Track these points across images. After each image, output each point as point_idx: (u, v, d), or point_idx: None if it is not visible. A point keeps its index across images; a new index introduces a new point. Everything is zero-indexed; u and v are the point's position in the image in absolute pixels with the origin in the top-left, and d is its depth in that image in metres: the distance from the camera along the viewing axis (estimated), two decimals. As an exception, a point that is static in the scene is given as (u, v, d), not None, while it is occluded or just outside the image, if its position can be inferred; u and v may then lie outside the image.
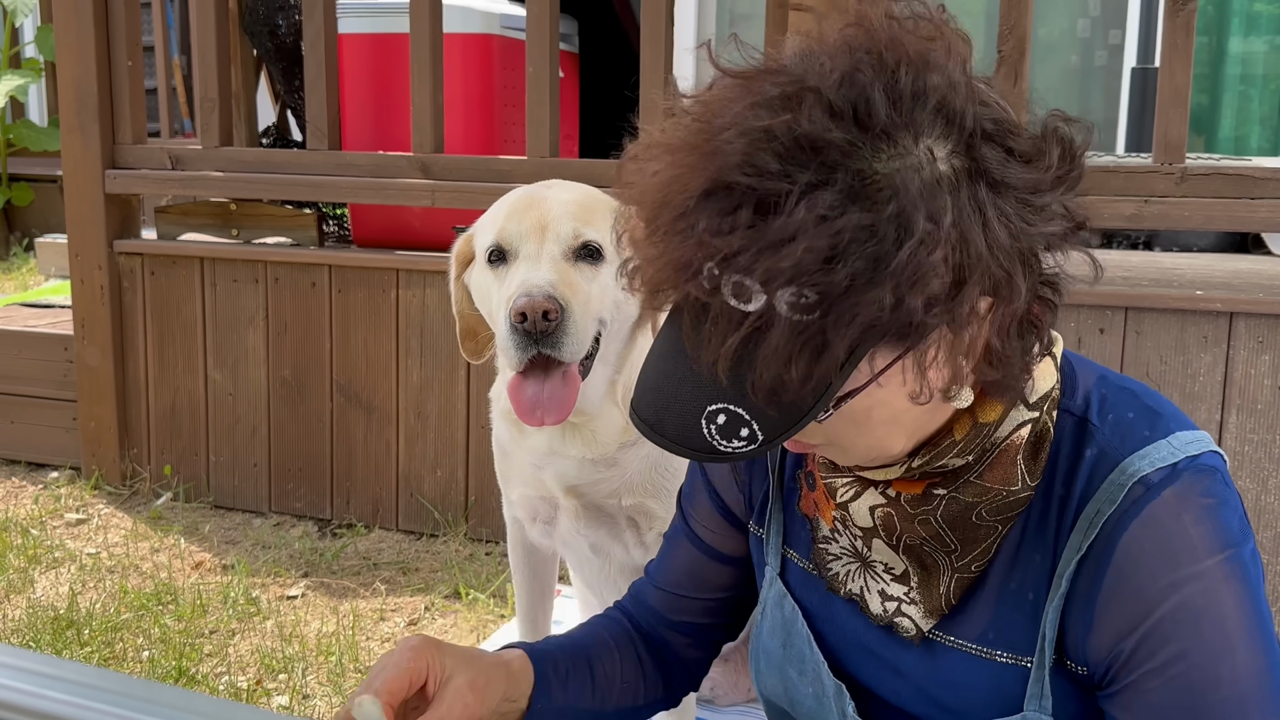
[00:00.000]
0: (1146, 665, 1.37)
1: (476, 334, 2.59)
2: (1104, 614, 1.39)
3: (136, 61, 5.02)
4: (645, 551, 2.61)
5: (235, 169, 4.86)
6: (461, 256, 2.55)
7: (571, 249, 2.33)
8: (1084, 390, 1.48)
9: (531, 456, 2.55)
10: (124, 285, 5.02)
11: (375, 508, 4.70)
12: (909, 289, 1.17)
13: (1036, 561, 1.45)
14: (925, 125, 1.24)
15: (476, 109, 5.06)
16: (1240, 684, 1.34)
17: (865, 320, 1.18)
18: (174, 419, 5.00)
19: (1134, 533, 1.37)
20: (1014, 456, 1.42)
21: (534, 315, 2.20)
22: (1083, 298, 3.72)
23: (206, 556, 4.36)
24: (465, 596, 3.96)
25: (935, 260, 1.18)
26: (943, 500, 1.43)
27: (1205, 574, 1.35)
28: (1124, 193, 3.74)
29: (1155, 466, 1.38)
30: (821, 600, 1.65)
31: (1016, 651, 1.47)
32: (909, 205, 1.18)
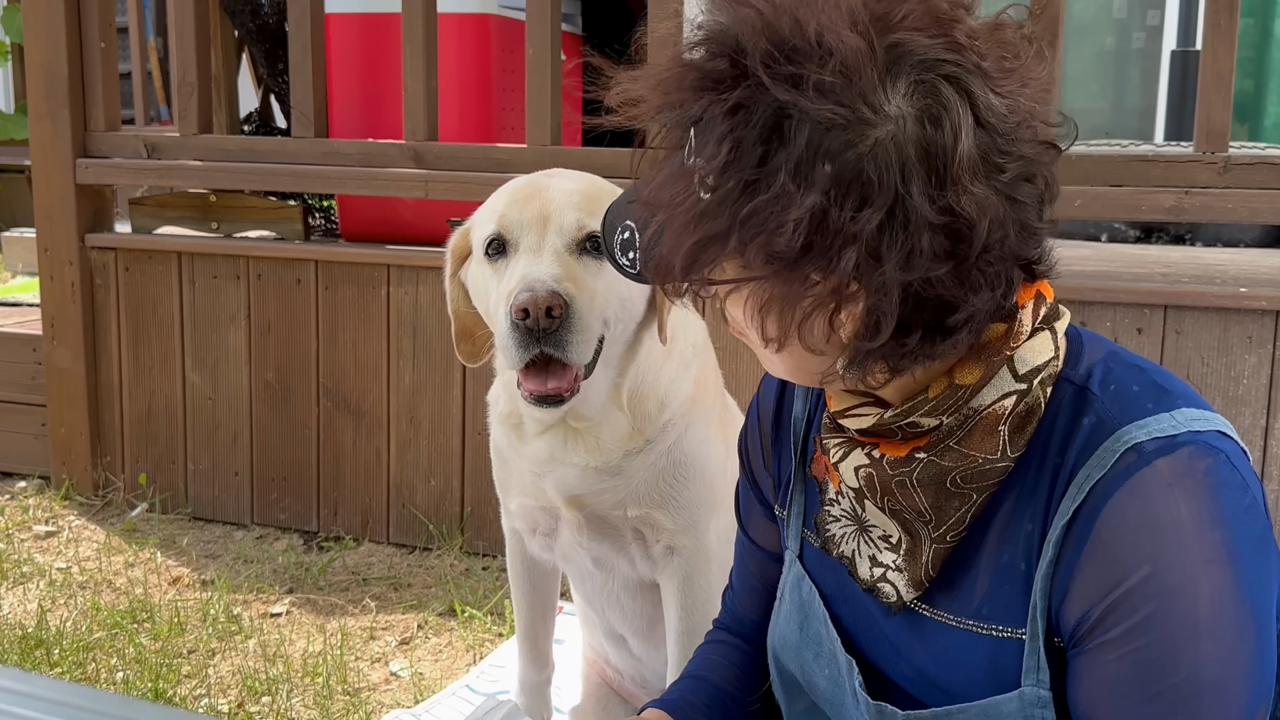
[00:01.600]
0: (1109, 633, 1.40)
1: (473, 335, 2.58)
2: (1079, 580, 1.43)
3: (110, 43, 5.03)
4: (652, 566, 2.61)
5: (215, 158, 4.87)
6: (458, 251, 2.55)
7: (575, 241, 2.32)
8: (1089, 362, 1.53)
9: (531, 464, 2.56)
10: (96, 282, 5.03)
11: (365, 519, 4.70)
12: (755, 232, 1.35)
13: (1028, 531, 1.50)
14: (896, 100, 1.34)
15: (473, 94, 5.07)
16: (1199, 672, 1.36)
17: (717, 230, 1.37)
18: (150, 425, 5.01)
19: (1119, 499, 1.41)
20: (995, 426, 1.48)
21: (537, 311, 2.19)
22: (1119, 295, 3.72)
23: (184, 571, 4.36)
24: (461, 614, 3.96)
25: (787, 219, 1.33)
26: (921, 464, 1.51)
27: (1186, 551, 1.37)
28: (1163, 184, 3.74)
29: (1152, 436, 1.42)
30: (838, 582, 1.73)
31: (1011, 624, 1.52)
32: (805, 158, 1.32)
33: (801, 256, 1.34)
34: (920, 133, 1.33)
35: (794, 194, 1.32)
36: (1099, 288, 3.77)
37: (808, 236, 1.33)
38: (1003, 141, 1.38)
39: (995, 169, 1.37)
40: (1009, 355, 1.49)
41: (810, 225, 1.32)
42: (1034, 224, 1.43)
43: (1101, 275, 4.26)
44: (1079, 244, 6.45)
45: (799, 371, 1.55)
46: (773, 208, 1.33)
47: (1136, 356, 1.56)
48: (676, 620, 2.60)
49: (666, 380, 2.53)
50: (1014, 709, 1.50)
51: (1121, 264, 4.86)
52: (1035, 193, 1.43)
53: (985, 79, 1.38)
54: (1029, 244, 1.45)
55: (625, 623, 2.80)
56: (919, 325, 1.40)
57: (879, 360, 1.44)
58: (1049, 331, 1.52)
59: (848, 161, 1.32)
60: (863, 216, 1.32)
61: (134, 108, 8.48)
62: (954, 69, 1.36)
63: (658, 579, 2.64)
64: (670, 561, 2.58)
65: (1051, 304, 1.56)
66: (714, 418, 2.61)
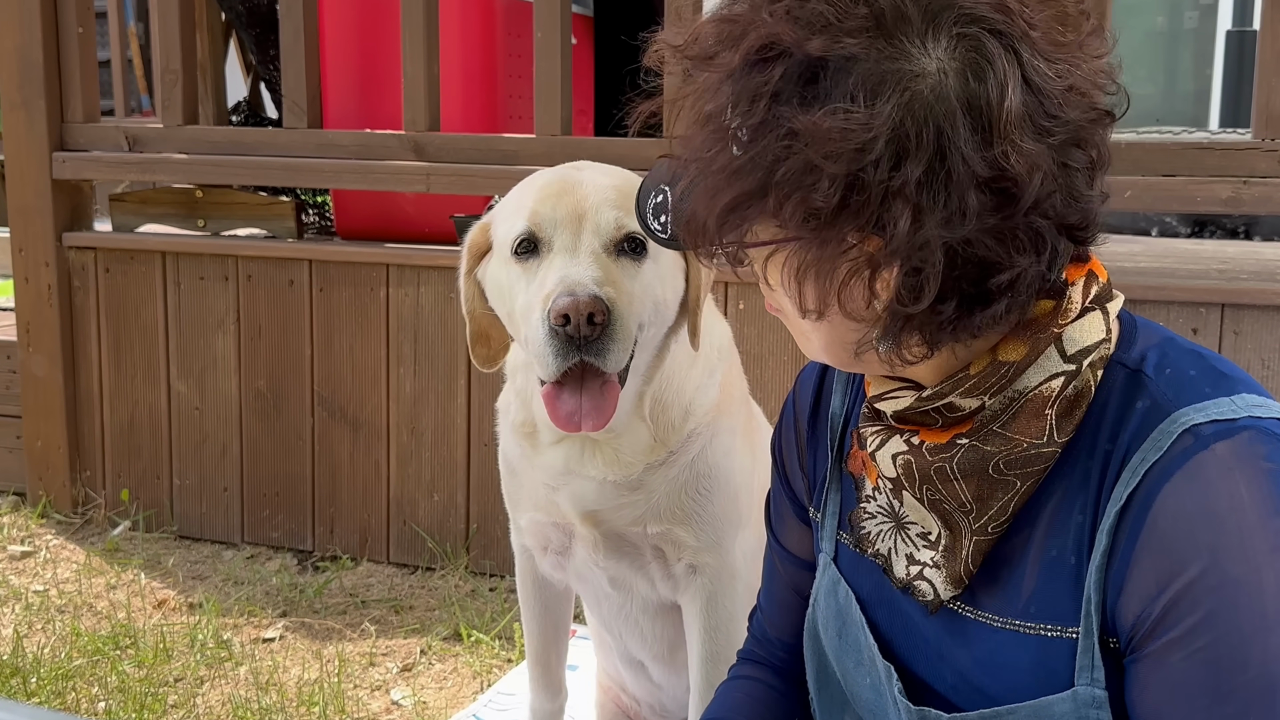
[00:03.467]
0: (1171, 633, 1.40)
1: (489, 337, 2.58)
2: (1135, 572, 1.44)
3: (88, 29, 5.05)
4: (673, 586, 2.61)
5: (201, 150, 4.88)
6: (475, 248, 2.53)
7: (613, 242, 2.31)
8: (1144, 346, 1.55)
9: (545, 476, 2.55)
10: (74, 284, 5.04)
11: (363, 537, 4.71)
12: (790, 189, 1.39)
13: (1078, 522, 1.51)
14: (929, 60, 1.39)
15: (477, 81, 5.08)
16: (1272, 667, 1.35)
17: (752, 186, 1.42)
18: (132, 437, 5.02)
19: (1176, 484, 1.41)
20: (1042, 409, 1.50)
21: (578, 318, 2.17)
22: (1173, 293, 3.72)
23: (170, 594, 4.37)
24: (467, 638, 3.96)
25: (821, 178, 1.37)
26: (963, 450, 1.53)
27: (1250, 539, 1.37)
28: (1219, 173, 3.73)
29: (1210, 419, 1.43)
30: (875, 584, 1.75)
31: (1061, 622, 1.52)
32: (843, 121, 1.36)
33: (838, 214, 1.38)
34: (964, 86, 1.37)
35: (830, 154, 1.36)
36: (1151, 285, 3.76)
37: (844, 193, 1.37)
38: (1050, 105, 1.41)
39: (1043, 131, 1.40)
40: (1057, 334, 1.51)
41: (846, 181, 1.36)
42: (1083, 190, 1.46)
43: (1154, 272, 4.25)
44: (1128, 239, 6.44)
45: (834, 345, 1.57)
46: (807, 168, 1.37)
47: (1194, 343, 1.57)
48: (699, 644, 2.59)
49: (691, 387, 2.52)
50: (1067, 709, 1.51)
51: (1175, 260, 4.85)
52: (1085, 159, 1.45)
53: (1033, 43, 1.41)
54: (1075, 210, 1.46)
55: (644, 647, 2.80)
56: (956, 292, 1.42)
57: (915, 331, 1.46)
58: (1100, 312, 1.54)
59: (883, 114, 1.35)
60: (901, 172, 1.35)
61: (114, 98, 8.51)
62: (1000, 24, 1.40)
63: (679, 600, 2.64)
64: (693, 581, 2.58)
65: (1104, 284, 1.57)
66: (739, 427, 2.61)
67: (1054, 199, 1.41)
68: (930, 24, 1.39)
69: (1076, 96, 1.44)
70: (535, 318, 2.25)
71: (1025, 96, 1.39)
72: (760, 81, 1.41)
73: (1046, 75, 1.41)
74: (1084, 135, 1.44)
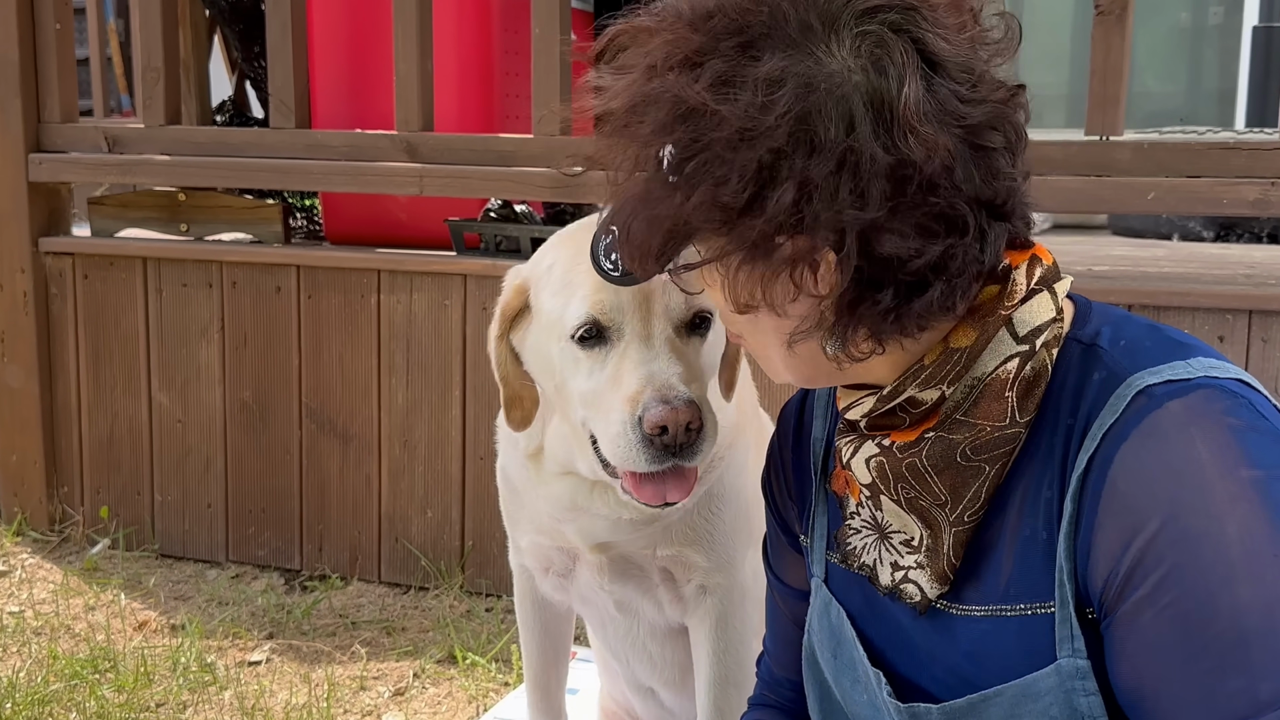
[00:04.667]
0: (1138, 592, 1.44)
1: (524, 400, 2.50)
2: (1100, 535, 1.50)
3: (66, 25, 5.05)
4: (682, 609, 2.60)
5: (184, 152, 4.88)
6: (510, 310, 2.46)
7: (684, 324, 2.26)
8: (1098, 323, 1.64)
9: (551, 507, 2.53)
10: (51, 291, 5.04)
11: (353, 555, 4.70)
12: (697, 182, 1.49)
13: (1047, 498, 1.59)
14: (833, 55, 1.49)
15: (472, 79, 5.07)
16: (1242, 618, 1.38)
17: (668, 192, 1.52)
18: (112, 451, 5.02)
19: (1133, 443, 1.48)
20: (1001, 392, 1.58)
21: (677, 429, 2.14)
22: (1198, 299, 3.72)
23: (152, 615, 4.36)
24: (462, 661, 3.96)
25: (730, 171, 1.47)
26: (930, 442, 1.61)
27: (1209, 491, 1.42)
28: (1246, 174, 3.73)
29: (1164, 379, 1.50)
30: (864, 598, 1.83)
31: (1040, 599, 1.59)
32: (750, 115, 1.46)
33: (753, 211, 1.48)
34: (867, 81, 1.47)
35: (736, 146, 1.47)
36: (1175, 290, 3.77)
37: (755, 189, 1.47)
38: (960, 90, 1.51)
39: (953, 116, 1.50)
40: (1005, 316, 1.59)
41: (756, 175, 1.47)
42: (1003, 169, 1.55)
43: (1178, 277, 4.25)
44: (1151, 243, 6.45)
45: (795, 362, 1.67)
46: (716, 162, 1.48)
47: (1149, 320, 1.67)
48: (708, 667, 2.59)
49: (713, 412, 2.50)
50: (1052, 684, 1.56)
51: (1199, 265, 4.85)
52: (1002, 139, 1.55)
53: (935, 32, 1.52)
54: (993, 188, 1.54)
55: (654, 673, 2.78)
56: (890, 280, 1.51)
57: (860, 326, 1.55)
58: (1048, 292, 1.62)
59: (782, 102, 1.46)
60: (811, 165, 1.45)
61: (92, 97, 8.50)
62: (898, 16, 1.51)
63: (686, 622, 2.63)
64: (703, 602, 2.57)
65: (1049, 266, 1.66)
66: (752, 441, 2.60)
67: (962, 179, 1.50)
68: (831, 28, 1.50)
69: (984, 79, 1.54)
70: (616, 416, 2.19)
71: (928, 85, 1.49)
72: (671, 100, 1.51)
73: (952, 62, 1.51)
74: (998, 115, 1.54)
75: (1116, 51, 3.80)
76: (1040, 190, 3.82)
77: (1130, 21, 3.81)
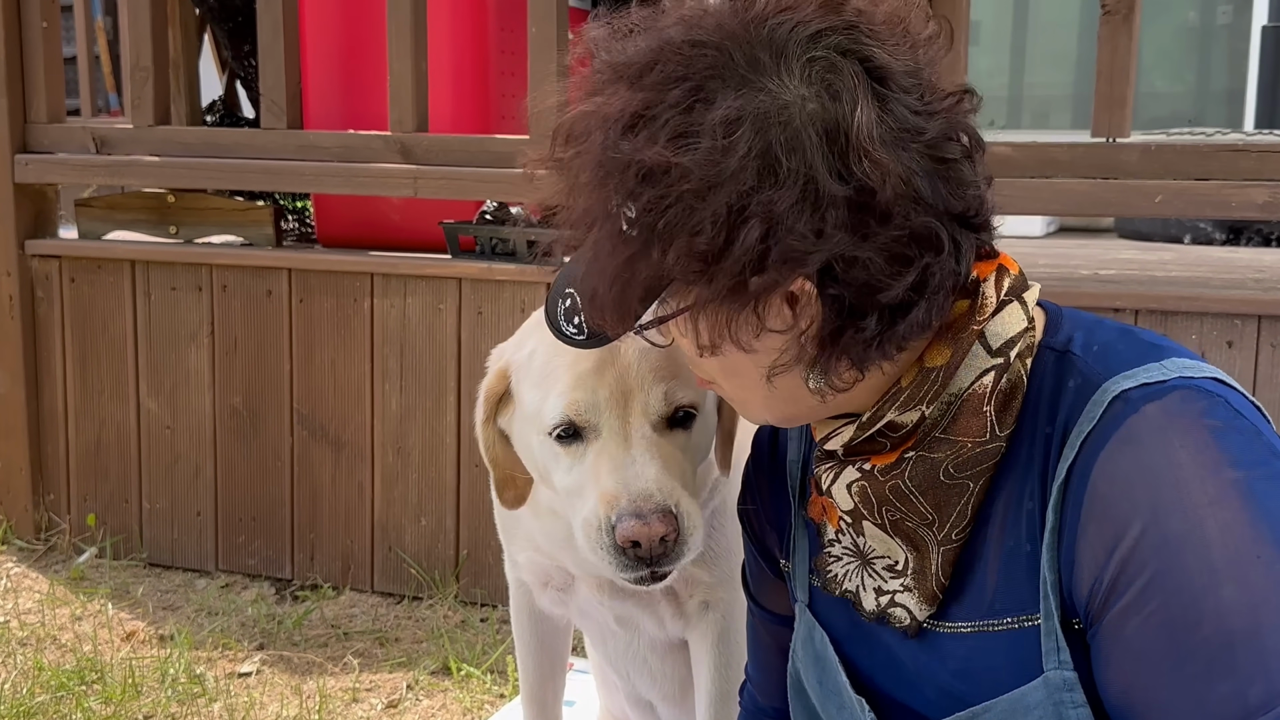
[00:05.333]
0: (1122, 600, 1.45)
1: (516, 481, 2.47)
2: (1083, 544, 1.51)
3: (53, 23, 5.04)
4: (684, 624, 2.60)
5: (173, 152, 4.87)
6: (493, 394, 2.43)
7: (664, 419, 2.19)
8: (1070, 329, 1.66)
9: (545, 540, 2.52)
10: (38, 295, 5.03)
11: (345, 565, 4.70)
12: (672, 235, 1.49)
13: (1029, 509, 1.60)
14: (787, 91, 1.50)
15: (468, 78, 5.07)
16: (1226, 621, 1.38)
17: (638, 248, 1.52)
18: (99, 458, 5.02)
19: (1111, 450, 1.49)
20: (980, 407, 1.60)
21: (650, 544, 2.08)
22: (1207, 304, 3.72)
23: (140, 625, 4.36)
24: (457, 672, 3.95)
25: (702, 218, 1.47)
26: (911, 462, 1.63)
27: (1188, 494, 1.43)
28: (1255, 177, 3.73)
29: (1139, 383, 1.52)
30: (850, 622, 1.84)
31: (1026, 611, 1.60)
32: (711, 160, 1.46)
33: (727, 254, 1.48)
34: (822, 109, 1.48)
35: (705, 194, 1.47)
36: (1184, 295, 3.76)
37: (728, 231, 1.47)
38: (917, 103, 1.53)
39: (910, 132, 1.51)
40: (978, 330, 1.60)
41: (728, 218, 1.47)
42: (967, 178, 1.57)
43: (1186, 281, 4.25)
44: (1158, 246, 6.45)
45: (773, 398, 1.67)
46: (687, 212, 1.48)
47: (1123, 323, 1.68)
48: (709, 682, 2.58)
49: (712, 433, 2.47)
50: (1041, 697, 1.57)
51: (1208, 269, 4.85)
52: (960, 148, 1.57)
53: (881, 50, 1.53)
54: (962, 199, 1.56)
55: (654, 687, 2.78)
56: (873, 306, 1.52)
57: (842, 356, 1.56)
58: (1018, 303, 1.64)
59: (744, 143, 1.47)
60: (778, 199, 1.46)
61: (80, 97, 8.51)
62: (842, 38, 1.52)
63: (687, 636, 2.63)
64: (705, 617, 2.57)
65: (1016, 276, 1.68)
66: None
67: (925, 193, 1.51)
68: (780, 59, 1.50)
69: (932, 87, 1.56)
70: (591, 517, 2.14)
71: (882, 104, 1.50)
72: (630, 149, 1.51)
73: (901, 74, 1.53)
74: (951, 124, 1.56)
75: (1123, 52, 3.80)
76: (1046, 193, 3.84)
77: (1137, 21, 3.81)
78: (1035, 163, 3.84)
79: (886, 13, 1.58)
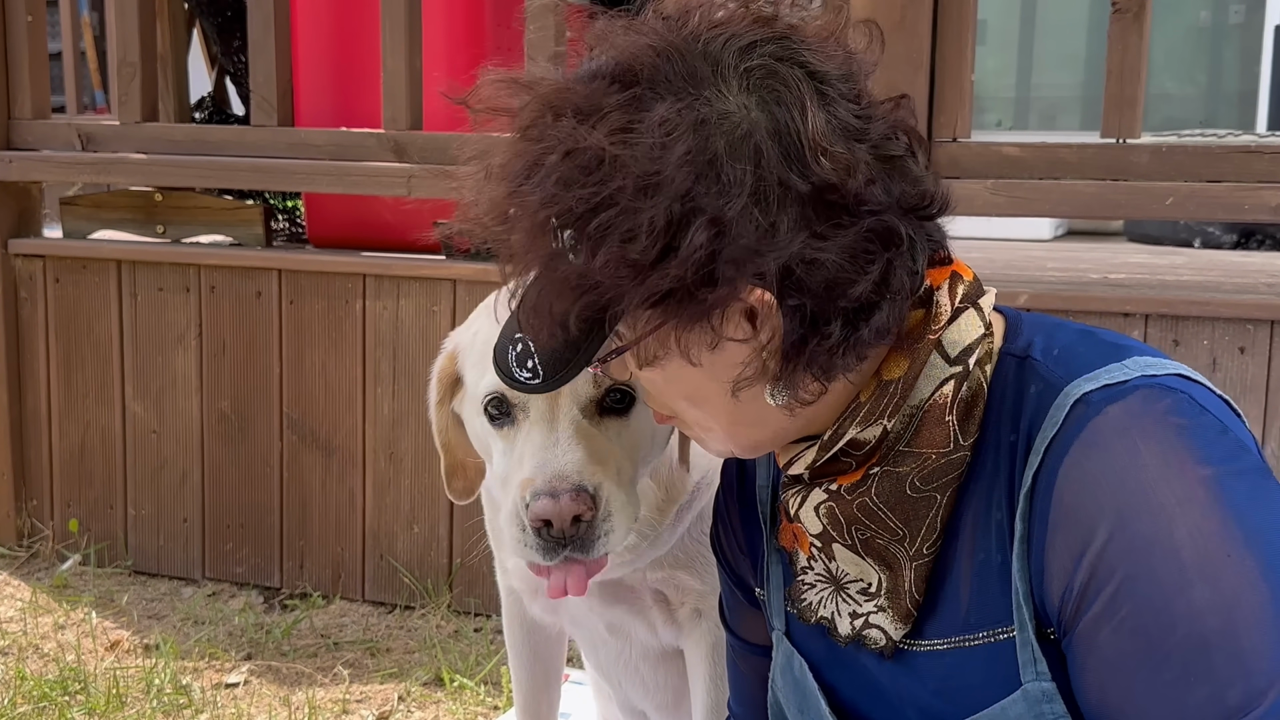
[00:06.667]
0: (1093, 608, 1.46)
1: (467, 468, 2.49)
2: (1051, 552, 1.52)
3: (38, 18, 5.04)
4: (676, 632, 2.60)
5: (161, 150, 4.88)
6: (446, 377, 2.46)
7: (594, 401, 2.18)
8: (1030, 334, 1.68)
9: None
10: (21, 295, 5.03)
11: (336, 573, 4.70)
12: (603, 235, 1.47)
13: (997, 520, 1.61)
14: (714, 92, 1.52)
15: (463, 75, 5.05)
16: (1199, 623, 1.39)
17: (579, 268, 1.50)
18: (83, 462, 5.01)
19: (1075, 454, 1.50)
20: (942, 417, 1.61)
21: (561, 523, 2.06)
22: (1218, 309, 3.72)
23: (124, 635, 4.36)
24: (449, 683, 3.95)
25: (638, 223, 1.45)
26: (876, 478, 1.64)
27: (1154, 494, 1.44)
28: (1268, 179, 3.73)
29: (1101, 384, 1.53)
30: (828, 646, 1.85)
31: (1001, 624, 1.61)
32: (648, 172, 1.46)
33: (666, 260, 1.46)
34: (768, 116, 1.50)
35: (642, 195, 1.47)
36: (1194, 299, 3.76)
37: (667, 239, 1.46)
38: (855, 108, 1.55)
39: (856, 133, 1.53)
40: (934, 340, 1.61)
41: (666, 227, 1.46)
42: (915, 172, 1.59)
43: (1197, 286, 4.24)
44: (1169, 250, 6.45)
45: (736, 425, 1.68)
46: (623, 216, 1.47)
47: (1084, 325, 1.70)
48: (703, 693, 2.58)
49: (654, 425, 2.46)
50: (1021, 710, 1.58)
51: (1219, 273, 4.85)
52: (904, 144, 1.59)
53: (814, 55, 1.56)
54: (914, 192, 1.58)
55: (647, 697, 2.79)
56: (834, 312, 1.52)
57: (806, 368, 1.56)
58: (973, 309, 1.65)
59: (696, 156, 1.47)
60: (723, 204, 1.46)
61: (65, 93, 8.51)
62: (776, 47, 1.55)
63: (681, 645, 2.63)
64: (697, 626, 2.57)
65: (971, 282, 1.68)
66: None
67: (891, 190, 1.54)
68: (716, 72, 1.52)
69: (868, 93, 1.60)
70: (511, 506, 2.13)
71: (826, 106, 1.52)
72: (558, 171, 1.51)
73: (839, 80, 1.56)
74: (892, 125, 1.59)
75: (1134, 51, 3.80)
76: (1055, 194, 3.84)
77: (1148, 19, 3.81)
78: (1044, 164, 3.84)
79: (817, 27, 1.61)
